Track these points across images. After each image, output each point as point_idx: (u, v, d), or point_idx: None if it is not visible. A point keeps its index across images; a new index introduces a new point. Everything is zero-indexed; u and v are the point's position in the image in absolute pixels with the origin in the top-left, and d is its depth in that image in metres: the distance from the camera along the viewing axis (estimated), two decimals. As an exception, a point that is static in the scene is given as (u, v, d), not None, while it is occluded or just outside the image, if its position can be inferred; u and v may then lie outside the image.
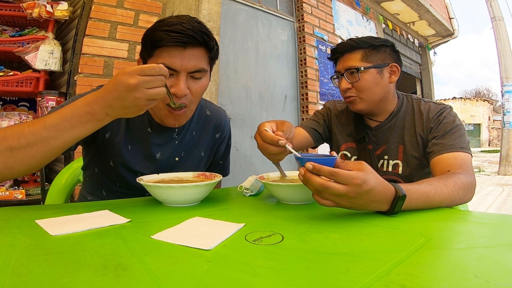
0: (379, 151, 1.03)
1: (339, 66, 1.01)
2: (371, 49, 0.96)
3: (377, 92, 0.97)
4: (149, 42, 0.76)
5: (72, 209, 0.66)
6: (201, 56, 0.77)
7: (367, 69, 0.94)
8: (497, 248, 0.42)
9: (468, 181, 0.73)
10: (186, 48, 0.74)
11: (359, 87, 0.96)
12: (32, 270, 0.35)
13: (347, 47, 0.98)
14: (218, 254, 0.41)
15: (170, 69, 0.73)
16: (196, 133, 0.94)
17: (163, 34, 0.73)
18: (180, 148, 0.91)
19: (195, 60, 0.76)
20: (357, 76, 0.95)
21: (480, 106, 25.54)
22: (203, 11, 2.33)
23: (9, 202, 1.73)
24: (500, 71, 7.79)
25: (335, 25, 3.70)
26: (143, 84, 0.56)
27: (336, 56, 1.02)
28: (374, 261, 0.38)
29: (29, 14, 1.91)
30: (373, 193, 0.53)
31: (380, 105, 1.00)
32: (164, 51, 0.74)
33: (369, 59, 0.95)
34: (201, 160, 0.97)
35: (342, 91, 1.00)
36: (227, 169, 1.10)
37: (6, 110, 2.12)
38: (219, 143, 1.01)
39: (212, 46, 0.79)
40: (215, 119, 0.99)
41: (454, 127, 0.90)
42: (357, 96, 0.98)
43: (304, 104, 3.25)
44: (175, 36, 0.72)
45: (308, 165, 0.53)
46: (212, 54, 0.81)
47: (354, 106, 1.00)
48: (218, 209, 0.68)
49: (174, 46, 0.73)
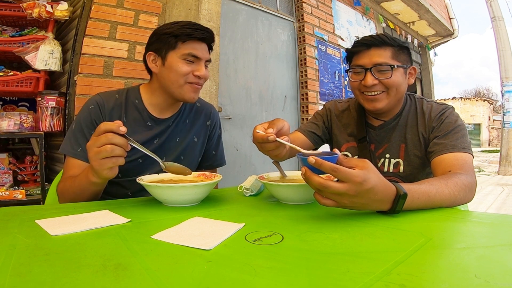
0: (381, 150, 1.03)
1: (364, 61, 0.95)
2: (399, 49, 0.95)
3: (401, 92, 0.96)
4: (172, 37, 0.92)
5: (72, 209, 0.66)
6: (207, 49, 0.99)
7: (399, 67, 0.93)
8: (497, 248, 0.42)
9: (469, 181, 0.73)
10: (203, 42, 0.96)
11: (389, 84, 0.93)
12: (32, 270, 0.35)
13: (378, 41, 0.93)
14: (218, 254, 0.41)
15: (195, 57, 0.93)
16: (189, 121, 1.08)
17: (191, 30, 0.92)
18: (175, 133, 1.04)
19: (206, 52, 0.98)
20: (388, 73, 0.92)
21: (480, 106, 25.53)
22: (203, 11, 2.33)
23: (9, 202, 1.72)
24: (500, 71, 7.79)
25: (335, 25, 3.70)
26: (93, 143, 0.65)
27: (359, 49, 0.96)
28: (374, 261, 0.38)
29: (29, 14, 1.90)
30: (374, 191, 0.53)
31: (396, 105, 1.00)
32: (190, 43, 0.93)
33: (398, 58, 0.94)
34: (195, 145, 1.08)
35: (365, 87, 0.94)
36: (222, 158, 1.19)
37: (6, 110, 2.12)
38: (211, 130, 1.14)
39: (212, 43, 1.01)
40: (205, 109, 1.14)
41: (456, 128, 0.90)
42: (384, 92, 0.94)
43: (304, 104, 3.25)
44: (201, 32, 0.93)
45: (310, 158, 0.53)
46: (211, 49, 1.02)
47: (375, 104, 0.96)
48: (218, 209, 0.68)
49: (197, 40, 0.93)
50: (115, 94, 0.99)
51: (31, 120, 1.89)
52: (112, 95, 0.98)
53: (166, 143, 1.01)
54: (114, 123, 0.65)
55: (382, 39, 0.93)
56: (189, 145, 1.06)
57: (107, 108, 0.94)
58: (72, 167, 0.88)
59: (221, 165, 1.18)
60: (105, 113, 0.94)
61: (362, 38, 0.97)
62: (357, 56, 0.97)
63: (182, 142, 1.04)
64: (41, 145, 1.81)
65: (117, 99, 0.98)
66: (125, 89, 1.02)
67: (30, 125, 1.88)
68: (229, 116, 2.65)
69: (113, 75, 2.04)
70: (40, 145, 1.81)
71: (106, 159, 0.65)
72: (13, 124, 1.82)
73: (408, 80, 0.99)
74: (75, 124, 0.93)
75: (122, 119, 0.95)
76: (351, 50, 1.00)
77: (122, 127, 0.64)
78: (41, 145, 1.81)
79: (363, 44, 0.95)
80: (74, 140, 0.90)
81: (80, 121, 0.92)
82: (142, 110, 0.99)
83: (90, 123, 0.91)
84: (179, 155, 1.03)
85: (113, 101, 0.96)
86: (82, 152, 0.88)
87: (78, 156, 0.88)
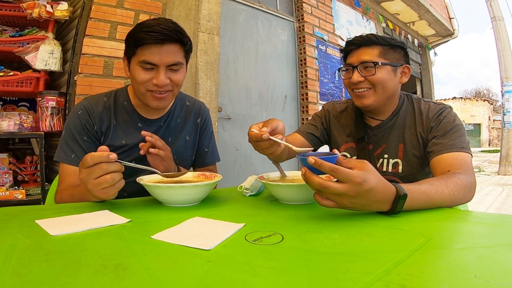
0: (379, 150, 1.03)
1: (352, 59, 0.98)
2: (389, 48, 0.96)
3: (388, 89, 0.97)
4: (132, 42, 0.86)
5: (72, 209, 0.66)
6: (177, 51, 0.89)
7: (384, 65, 0.95)
8: (497, 248, 0.42)
9: (469, 181, 0.73)
10: (164, 45, 0.85)
11: (373, 80, 0.95)
12: (32, 270, 0.35)
13: (366, 40, 0.97)
14: (218, 254, 0.41)
15: (151, 64, 0.86)
16: (180, 120, 1.07)
17: (144, 34, 0.83)
18: (167, 133, 1.03)
19: (172, 55, 0.87)
20: (372, 70, 0.94)
21: (480, 106, 25.52)
22: (203, 11, 2.33)
23: (9, 202, 1.72)
24: (500, 71, 7.78)
25: (335, 25, 3.70)
26: (88, 176, 0.62)
27: (351, 49, 1.00)
28: (374, 261, 0.38)
29: (29, 14, 1.90)
30: (374, 192, 0.53)
31: (386, 103, 1.00)
32: (145, 49, 0.85)
33: (386, 56, 0.96)
34: (187, 144, 1.08)
35: (353, 84, 0.98)
36: (215, 155, 1.18)
37: (6, 110, 2.12)
38: (201, 127, 1.13)
39: (186, 42, 0.90)
40: (195, 107, 1.12)
41: (454, 127, 0.90)
42: (370, 89, 0.96)
43: (304, 104, 3.25)
44: (153, 35, 0.83)
45: (310, 159, 0.53)
46: (186, 49, 0.92)
47: (362, 101, 0.98)
48: (218, 209, 0.68)
49: (153, 44, 0.84)
50: (103, 98, 0.98)
51: (31, 120, 1.89)
52: (100, 99, 0.97)
53: None
54: (101, 154, 0.63)
55: (370, 39, 0.97)
56: (181, 144, 1.05)
57: (96, 112, 0.94)
58: (68, 174, 0.88)
59: (214, 161, 1.17)
60: (95, 118, 0.94)
61: (353, 38, 1.00)
62: (349, 55, 1.01)
63: (174, 142, 1.03)
64: (41, 145, 1.81)
65: (106, 102, 0.97)
66: (114, 91, 1.01)
67: (30, 125, 1.88)
68: (229, 116, 2.65)
69: (113, 75, 2.04)
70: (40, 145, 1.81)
71: (109, 188, 0.64)
72: (13, 124, 1.82)
73: (401, 79, 0.99)
74: (65, 131, 0.92)
75: (112, 122, 0.96)
76: (343, 49, 1.04)
77: (112, 155, 0.63)
78: (41, 145, 1.81)
79: (352, 44, 1.00)
80: (66, 147, 0.90)
81: (70, 128, 0.92)
82: (131, 112, 0.98)
83: (80, 128, 0.92)
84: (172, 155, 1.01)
85: (102, 105, 0.96)
86: (76, 157, 0.89)
87: (72, 162, 0.89)
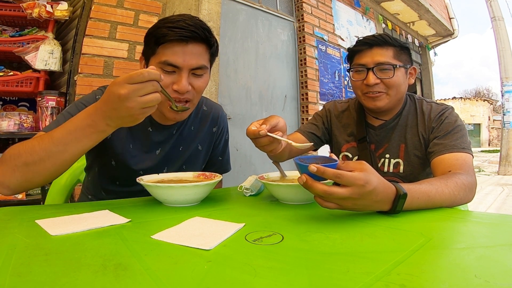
0: (381, 150, 1.03)
1: (365, 59, 0.95)
2: (400, 49, 0.96)
3: (402, 91, 0.97)
4: (152, 39, 0.76)
5: (72, 209, 0.66)
6: (202, 53, 0.78)
7: (400, 67, 0.94)
8: (497, 248, 0.42)
9: (469, 181, 0.73)
10: (188, 44, 0.75)
11: (390, 84, 0.94)
12: (32, 270, 0.35)
13: (380, 41, 0.94)
14: (218, 254, 0.41)
15: (173, 66, 0.75)
16: (194, 128, 0.96)
17: (167, 30, 0.73)
18: (179, 142, 0.93)
19: (196, 57, 0.77)
20: (389, 73, 0.93)
21: (480, 106, 25.52)
22: (203, 11, 2.33)
23: (9, 202, 1.72)
24: (500, 71, 7.78)
25: (335, 25, 3.70)
26: (134, 93, 0.55)
27: (362, 48, 0.97)
28: (374, 261, 0.38)
29: (29, 14, 1.90)
30: (376, 192, 0.53)
31: (396, 104, 1.00)
32: (167, 48, 0.74)
33: (399, 58, 0.95)
34: (199, 154, 0.98)
35: (367, 86, 0.95)
36: (228, 164, 1.10)
37: (6, 110, 2.12)
38: (217, 137, 1.02)
39: (213, 43, 0.81)
40: (212, 113, 1.00)
41: (455, 128, 0.90)
42: (384, 93, 0.95)
43: (304, 104, 3.25)
44: (178, 31, 0.73)
45: (312, 167, 0.53)
46: (212, 51, 0.82)
47: (376, 103, 0.96)
48: (218, 209, 0.68)
49: (177, 42, 0.74)
50: None
51: (31, 120, 1.89)
52: None
53: (169, 153, 0.92)
54: (156, 72, 0.57)
55: (384, 39, 0.94)
56: (192, 153, 0.96)
57: None
58: None
59: (226, 171, 1.08)
60: None
61: (365, 38, 0.97)
62: (359, 55, 0.98)
63: (185, 151, 0.94)
64: (41, 145, 1.81)
65: None
66: None
67: (30, 125, 1.88)
68: (229, 116, 2.65)
69: (113, 75, 2.04)
70: (40, 145, 1.81)
71: (150, 108, 0.58)
72: (13, 124, 1.82)
73: (409, 80, 1.00)
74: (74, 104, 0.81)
75: None
76: (353, 49, 1.00)
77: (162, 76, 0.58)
78: (41, 145, 1.81)
79: (365, 44, 0.96)
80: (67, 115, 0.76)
81: (83, 102, 0.82)
82: None
83: None
84: (182, 165, 0.95)
85: None
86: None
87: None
